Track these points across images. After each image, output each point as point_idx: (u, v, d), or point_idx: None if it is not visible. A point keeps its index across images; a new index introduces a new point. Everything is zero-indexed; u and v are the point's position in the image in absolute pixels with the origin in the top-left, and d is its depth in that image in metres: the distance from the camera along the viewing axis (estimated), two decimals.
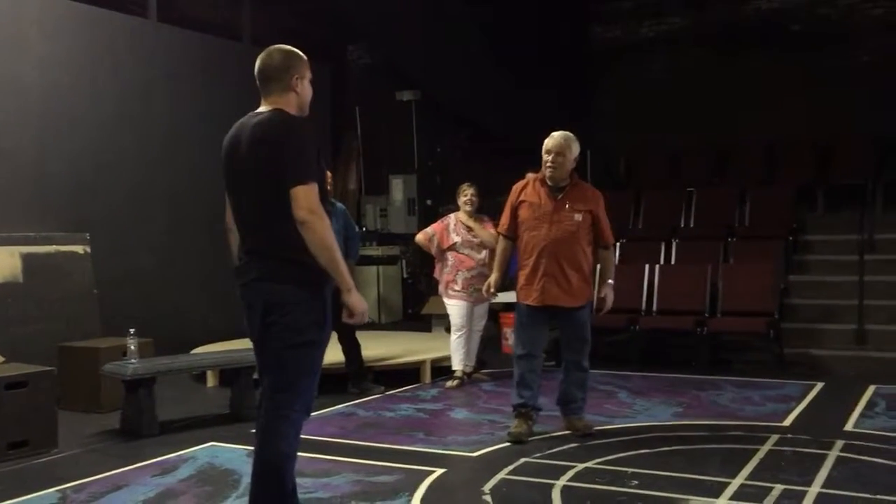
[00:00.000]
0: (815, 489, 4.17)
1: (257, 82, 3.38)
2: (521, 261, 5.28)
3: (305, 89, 3.39)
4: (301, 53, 3.42)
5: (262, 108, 3.36)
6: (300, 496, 3.60)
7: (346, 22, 10.59)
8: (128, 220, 8.07)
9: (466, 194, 7.07)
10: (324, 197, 3.26)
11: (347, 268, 3.30)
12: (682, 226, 9.47)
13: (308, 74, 3.40)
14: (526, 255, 5.25)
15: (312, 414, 3.51)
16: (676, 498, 4.07)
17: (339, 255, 3.21)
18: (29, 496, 4.28)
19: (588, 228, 5.22)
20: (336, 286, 3.27)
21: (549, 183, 5.22)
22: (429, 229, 7.21)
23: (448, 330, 7.38)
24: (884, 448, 4.91)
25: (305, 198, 3.13)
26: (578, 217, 5.16)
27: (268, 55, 3.37)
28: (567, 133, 5.23)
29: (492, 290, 5.71)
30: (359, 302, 3.29)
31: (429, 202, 11.31)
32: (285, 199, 3.14)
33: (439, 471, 4.59)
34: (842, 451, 4.87)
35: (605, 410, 6.01)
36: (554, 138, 5.19)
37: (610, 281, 5.32)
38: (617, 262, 8.38)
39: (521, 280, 5.27)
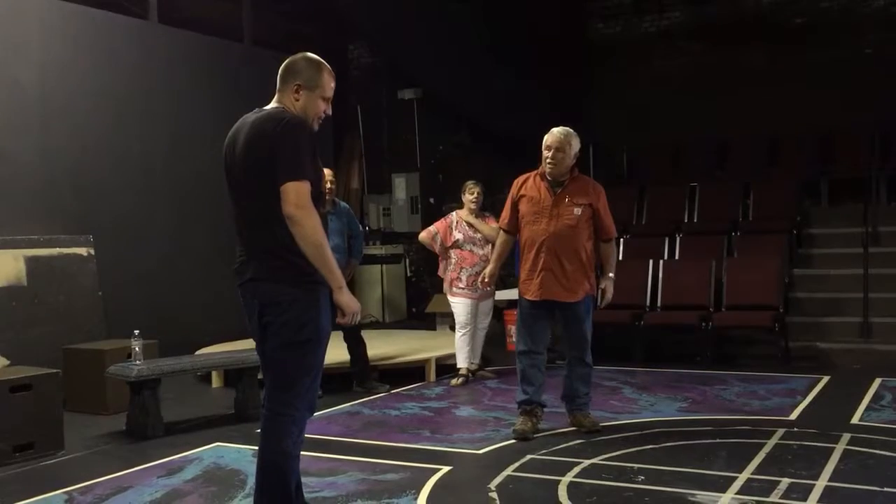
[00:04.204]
0: (822, 482, 4.15)
1: None
2: (522, 255, 5.29)
3: (310, 101, 3.32)
4: (322, 66, 3.34)
5: (266, 106, 3.36)
6: (306, 495, 3.61)
7: (346, 21, 10.59)
8: (131, 222, 8.08)
9: (473, 192, 7.07)
10: (318, 198, 3.25)
11: (351, 267, 3.29)
12: (686, 221, 9.46)
13: (320, 89, 3.32)
14: (526, 250, 5.25)
15: (317, 413, 3.51)
16: (683, 493, 4.06)
17: (328, 252, 3.17)
18: (35, 498, 4.29)
19: (588, 222, 5.20)
20: None
21: (549, 178, 5.22)
22: (432, 227, 7.21)
23: (452, 328, 7.37)
24: (891, 441, 4.90)
25: (295, 193, 3.11)
26: (578, 211, 5.15)
27: (292, 58, 3.37)
28: (567, 129, 5.22)
29: (486, 280, 5.73)
30: (350, 301, 3.25)
31: (431, 200, 11.32)
32: (279, 196, 3.12)
33: (445, 468, 4.59)
34: (849, 444, 4.86)
35: (611, 406, 6.01)
36: (553, 134, 5.18)
37: (611, 274, 5.32)
38: (620, 257, 8.41)
39: (522, 275, 5.27)
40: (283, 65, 3.38)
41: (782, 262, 8.16)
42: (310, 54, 3.40)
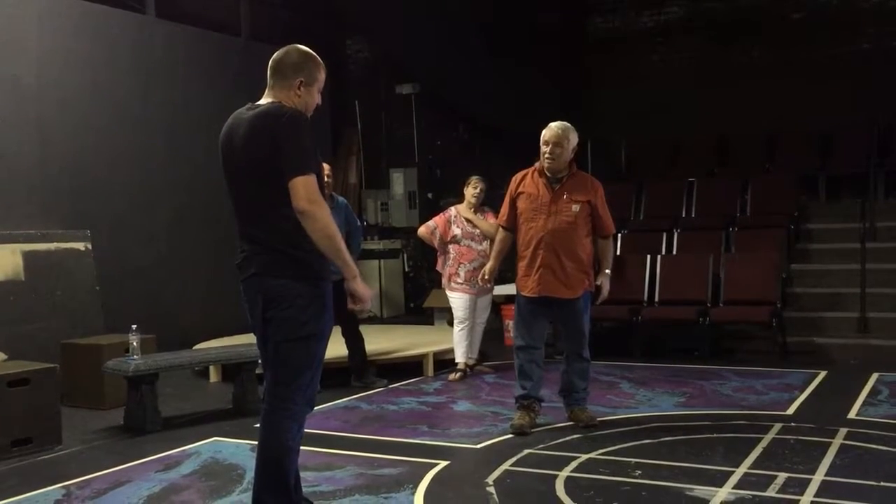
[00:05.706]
0: (818, 477, 4.17)
1: (268, 74, 3.36)
2: (520, 252, 5.28)
3: (310, 96, 3.35)
4: (319, 61, 3.37)
5: (260, 101, 3.35)
6: (304, 490, 3.61)
7: (344, 16, 10.58)
8: (129, 217, 8.06)
9: (477, 187, 7.06)
10: (321, 190, 3.25)
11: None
12: (684, 216, 9.46)
13: (318, 84, 3.36)
14: (524, 247, 5.24)
15: (316, 408, 3.51)
16: (680, 487, 4.07)
17: (341, 243, 3.21)
18: (33, 493, 4.29)
19: (586, 219, 5.20)
20: (337, 278, 3.26)
21: (547, 174, 5.21)
22: (431, 222, 7.21)
23: (451, 323, 7.37)
24: (887, 435, 4.91)
25: (305, 188, 3.11)
26: (576, 208, 5.14)
27: (285, 51, 3.36)
28: (565, 123, 5.21)
29: (486, 277, 5.74)
30: (364, 289, 3.30)
31: (429, 195, 11.30)
32: (282, 191, 3.12)
33: (443, 463, 4.60)
34: (845, 438, 4.87)
35: (608, 401, 6.01)
36: (551, 129, 5.17)
37: (607, 271, 5.32)
38: (618, 252, 8.40)
39: (520, 271, 5.26)
40: (276, 58, 3.35)
41: (780, 258, 8.17)
42: (301, 47, 3.39)
